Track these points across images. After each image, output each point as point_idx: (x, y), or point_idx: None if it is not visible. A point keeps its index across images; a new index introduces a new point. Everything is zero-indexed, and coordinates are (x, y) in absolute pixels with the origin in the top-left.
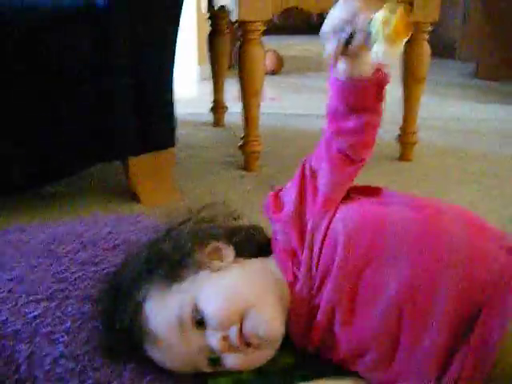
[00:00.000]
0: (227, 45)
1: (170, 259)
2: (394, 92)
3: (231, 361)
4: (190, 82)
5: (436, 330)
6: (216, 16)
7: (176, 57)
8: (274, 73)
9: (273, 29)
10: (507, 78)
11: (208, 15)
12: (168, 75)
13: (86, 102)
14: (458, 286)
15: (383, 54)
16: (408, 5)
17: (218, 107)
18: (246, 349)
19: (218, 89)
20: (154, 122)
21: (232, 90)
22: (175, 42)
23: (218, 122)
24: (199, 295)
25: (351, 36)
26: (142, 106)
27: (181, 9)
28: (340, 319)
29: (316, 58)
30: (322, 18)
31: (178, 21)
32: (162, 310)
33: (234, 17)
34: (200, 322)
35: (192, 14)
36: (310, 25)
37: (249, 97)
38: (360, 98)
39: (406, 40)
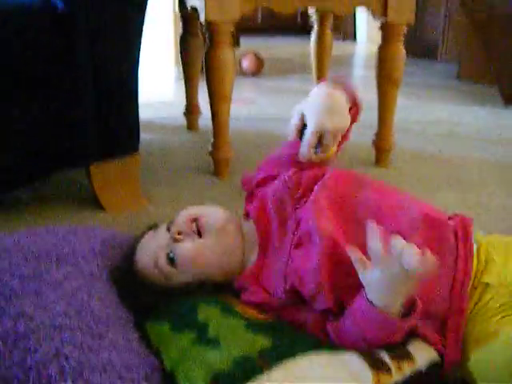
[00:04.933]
0: (200, 47)
1: None
2: (369, 95)
3: (178, 250)
4: (167, 82)
5: None
6: (188, 17)
7: (140, 61)
8: (254, 75)
9: (256, 29)
10: (489, 79)
11: (180, 16)
12: (131, 80)
13: (44, 107)
14: None
15: None
16: (382, 6)
17: (191, 111)
18: (192, 234)
19: (191, 92)
20: (115, 128)
21: (206, 94)
22: (139, 46)
23: (191, 125)
24: None
25: None
26: (103, 112)
27: (144, 14)
28: None
29: (298, 59)
30: (305, 19)
31: (142, 25)
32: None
33: (202, 17)
34: (169, 229)
35: (169, 14)
36: (294, 26)
37: (218, 102)
38: None
39: None
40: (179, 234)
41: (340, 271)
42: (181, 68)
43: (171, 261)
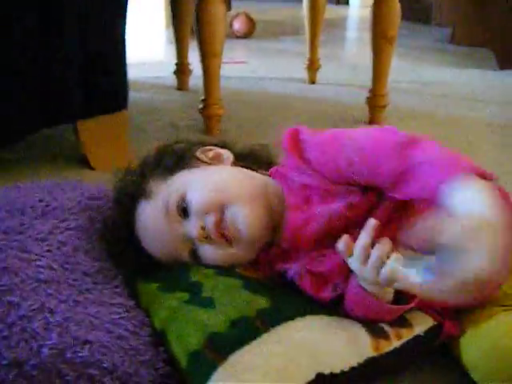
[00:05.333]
0: (191, 4)
1: (174, 154)
2: (363, 57)
3: (207, 252)
4: (157, 45)
5: None
6: None
7: (127, 15)
8: (245, 36)
9: None
10: (482, 43)
11: None
12: (119, 35)
13: (30, 62)
14: None
15: None
16: None
17: (181, 70)
18: (222, 242)
19: (182, 51)
20: (103, 84)
21: (197, 54)
22: (126, 1)
23: (181, 85)
24: (189, 186)
25: None
26: (90, 67)
27: None
28: None
29: (290, 21)
30: None
31: None
32: (154, 199)
33: None
34: (184, 211)
35: None
36: None
37: (208, 58)
38: None
39: None
40: (205, 238)
41: None
42: (172, 31)
43: (195, 255)
